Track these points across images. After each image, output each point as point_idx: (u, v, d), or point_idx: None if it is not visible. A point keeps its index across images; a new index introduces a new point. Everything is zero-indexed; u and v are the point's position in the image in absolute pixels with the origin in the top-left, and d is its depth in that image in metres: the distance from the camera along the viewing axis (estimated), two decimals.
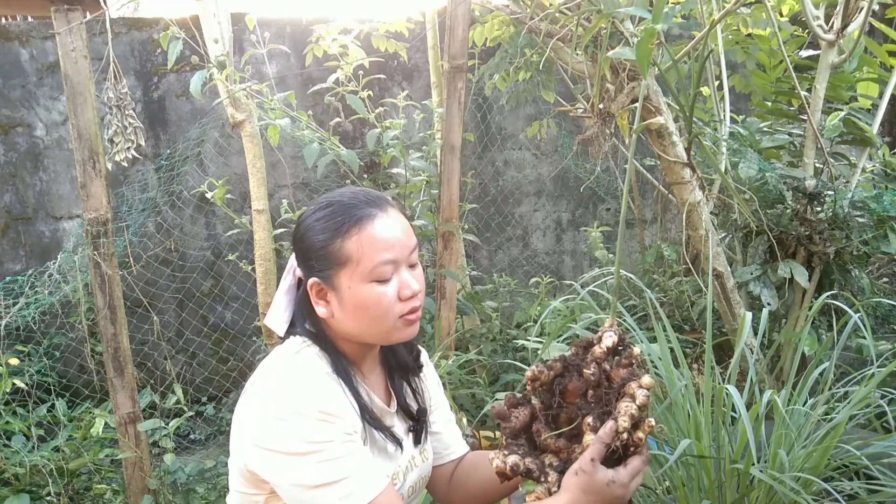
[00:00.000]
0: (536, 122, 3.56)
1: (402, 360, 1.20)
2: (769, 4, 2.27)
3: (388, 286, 1.03)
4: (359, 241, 1.02)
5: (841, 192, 2.30)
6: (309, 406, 0.97)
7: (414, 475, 1.16)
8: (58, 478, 2.30)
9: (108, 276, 2.26)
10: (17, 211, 3.66)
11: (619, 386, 0.85)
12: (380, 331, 1.06)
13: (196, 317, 3.80)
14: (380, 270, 1.02)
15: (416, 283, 1.06)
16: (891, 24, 2.54)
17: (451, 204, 2.69)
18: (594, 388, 0.86)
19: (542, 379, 0.90)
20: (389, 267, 1.03)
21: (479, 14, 2.87)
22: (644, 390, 0.83)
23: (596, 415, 0.84)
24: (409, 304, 1.05)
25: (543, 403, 0.90)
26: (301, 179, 3.87)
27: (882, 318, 2.59)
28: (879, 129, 2.47)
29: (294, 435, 0.96)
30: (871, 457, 1.32)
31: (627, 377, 0.85)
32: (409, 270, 1.07)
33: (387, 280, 1.03)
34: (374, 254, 1.02)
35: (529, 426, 0.90)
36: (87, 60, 2.19)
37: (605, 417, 0.83)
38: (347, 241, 1.02)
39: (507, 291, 3.58)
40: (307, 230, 1.06)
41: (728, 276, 2.34)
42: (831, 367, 1.53)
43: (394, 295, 1.04)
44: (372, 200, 1.05)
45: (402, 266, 1.05)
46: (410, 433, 1.17)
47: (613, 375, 0.86)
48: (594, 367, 0.86)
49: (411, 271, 1.07)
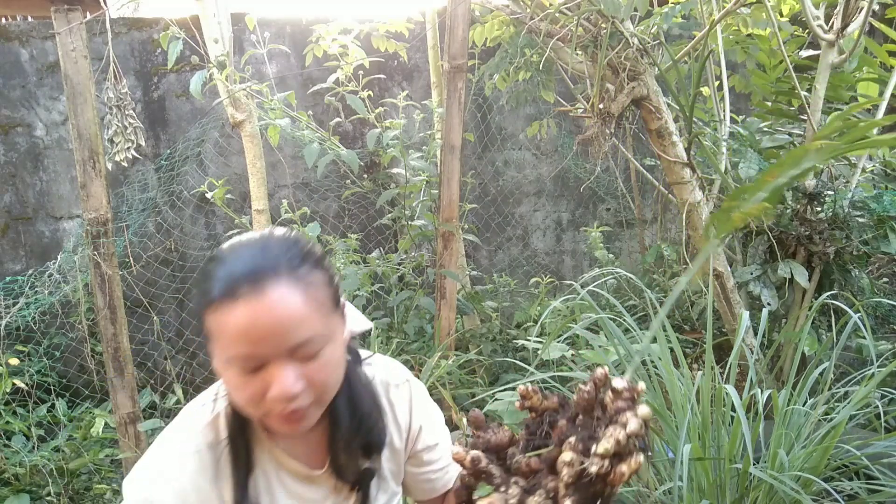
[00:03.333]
0: (536, 122, 3.56)
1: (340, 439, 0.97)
2: (769, 4, 2.27)
3: (250, 378, 0.83)
4: (217, 321, 0.82)
5: (841, 192, 2.30)
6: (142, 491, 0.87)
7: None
8: (58, 478, 2.30)
9: (108, 276, 2.26)
10: (17, 211, 3.66)
11: (612, 414, 0.75)
12: (253, 416, 0.87)
13: (196, 317, 3.80)
14: (236, 362, 0.82)
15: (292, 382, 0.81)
16: (891, 24, 2.54)
17: (451, 204, 2.69)
18: (584, 413, 0.77)
19: (533, 401, 0.80)
20: (250, 361, 0.82)
21: (479, 14, 2.87)
22: (637, 420, 0.72)
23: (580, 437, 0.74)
24: (279, 406, 0.83)
25: (528, 430, 0.80)
26: (301, 179, 3.87)
27: (882, 318, 2.59)
28: (879, 129, 2.47)
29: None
30: (871, 457, 1.32)
31: (623, 408, 0.75)
32: (293, 365, 0.82)
33: (250, 372, 0.82)
34: (229, 341, 0.81)
35: (505, 448, 0.80)
36: (87, 60, 2.19)
37: (589, 443, 0.73)
38: (210, 315, 0.83)
39: (507, 291, 3.58)
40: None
41: (728, 276, 2.34)
42: (831, 367, 1.53)
43: (257, 391, 0.83)
44: (253, 274, 0.81)
45: (278, 360, 0.82)
46: (355, 493, 1.01)
47: (609, 405, 0.76)
48: (590, 386, 0.76)
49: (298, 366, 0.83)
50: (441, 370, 2.39)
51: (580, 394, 0.76)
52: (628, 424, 0.72)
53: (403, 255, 3.13)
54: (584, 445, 0.72)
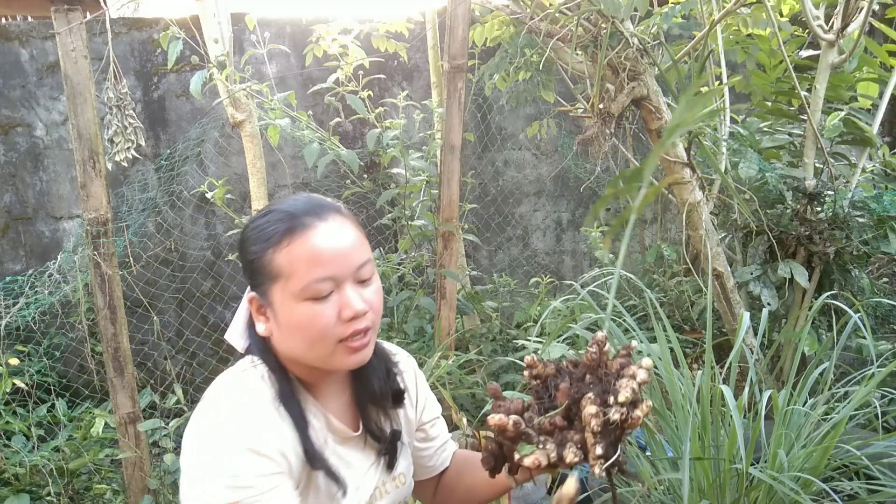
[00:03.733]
0: (536, 122, 3.56)
1: (372, 391, 1.06)
2: (769, 4, 2.27)
3: (324, 305, 0.91)
4: (289, 254, 0.90)
5: (841, 192, 2.30)
6: (234, 442, 0.87)
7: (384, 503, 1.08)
8: (58, 478, 2.30)
9: (108, 276, 2.26)
10: (17, 211, 3.66)
11: (618, 369, 0.86)
12: (319, 355, 0.94)
13: (196, 317, 3.80)
14: (313, 287, 0.90)
15: (360, 302, 0.92)
16: (891, 24, 2.54)
17: (451, 204, 2.69)
18: (591, 372, 0.87)
19: (538, 370, 0.91)
20: (326, 283, 0.90)
21: (479, 14, 2.87)
22: (644, 370, 0.83)
23: (596, 392, 0.84)
24: (351, 327, 0.92)
25: (536, 396, 0.90)
26: (301, 179, 3.87)
27: (882, 318, 2.59)
28: (879, 129, 2.47)
29: (212, 475, 0.86)
30: (871, 457, 1.32)
31: (626, 363, 0.86)
32: (357, 287, 0.94)
33: (323, 298, 0.91)
34: (307, 268, 0.90)
35: (521, 414, 0.90)
36: (87, 60, 2.19)
37: (605, 396, 0.83)
38: (278, 253, 0.91)
39: (507, 291, 3.58)
40: (243, 240, 0.97)
41: (728, 276, 2.34)
42: (831, 367, 1.53)
43: (332, 315, 0.91)
44: (312, 208, 0.94)
45: (346, 282, 0.92)
46: (382, 458, 1.07)
47: (610, 364, 0.87)
48: (594, 348, 0.87)
49: (360, 288, 0.94)
50: (441, 370, 2.39)
51: (588, 355, 0.87)
52: (637, 375, 0.83)
53: (403, 255, 3.13)
54: (601, 399, 0.83)
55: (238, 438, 0.88)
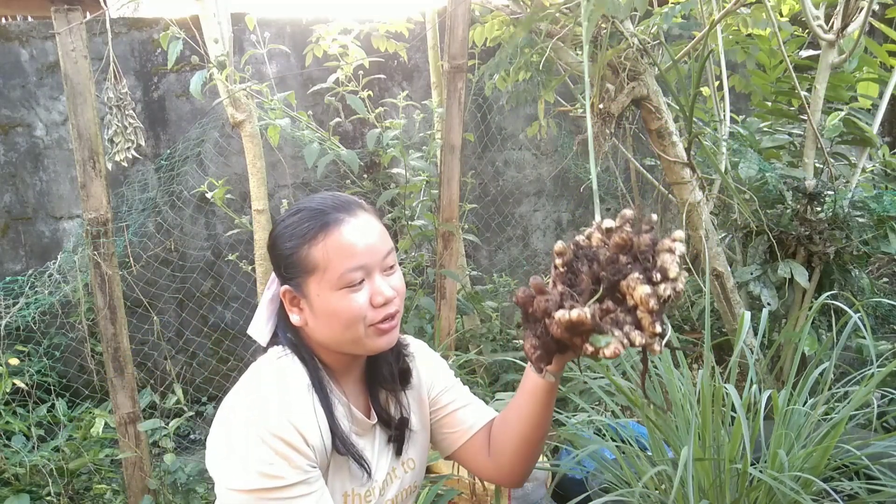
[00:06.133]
0: (536, 122, 3.56)
1: (384, 375, 1.14)
2: (769, 4, 2.27)
3: (358, 293, 1.00)
4: (325, 248, 0.99)
5: (841, 192, 2.29)
6: (268, 431, 0.94)
7: (394, 488, 1.14)
8: (58, 478, 2.30)
9: (108, 276, 2.26)
10: (17, 211, 3.66)
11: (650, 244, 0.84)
12: (352, 339, 1.02)
13: (196, 317, 3.80)
14: (348, 277, 0.99)
15: (389, 289, 1.02)
16: (891, 24, 2.54)
17: (451, 204, 2.69)
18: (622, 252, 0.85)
19: (567, 257, 0.89)
20: (358, 273, 1.00)
21: (479, 14, 2.86)
22: (679, 242, 0.83)
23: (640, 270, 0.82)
24: (381, 312, 1.02)
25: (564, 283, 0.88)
26: (301, 179, 3.87)
27: (882, 318, 2.59)
28: (879, 129, 2.47)
29: (246, 460, 0.94)
30: (871, 457, 1.32)
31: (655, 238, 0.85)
32: (384, 275, 1.03)
33: (356, 286, 1.00)
34: (341, 260, 0.98)
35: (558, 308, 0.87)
36: (87, 60, 2.19)
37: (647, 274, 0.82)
38: (314, 248, 0.99)
39: (507, 291, 3.58)
40: (277, 237, 1.04)
41: (728, 276, 2.34)
42: (831, 367, 1.53)
43: (364, 302, 1.00)
44: (341, 205, 1.03)
45: (375, 271, 1.02)
46: (391, 444, 1.14)
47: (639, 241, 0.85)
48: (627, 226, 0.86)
49: (386, 276, 1.04)
50: None
51: (620, 233, 0.86)
52: (675, 249, 0.83)
53: (403, 255, 3.13)
54: (645, 276, 0.82)
55: (277, 427, 0.94)
